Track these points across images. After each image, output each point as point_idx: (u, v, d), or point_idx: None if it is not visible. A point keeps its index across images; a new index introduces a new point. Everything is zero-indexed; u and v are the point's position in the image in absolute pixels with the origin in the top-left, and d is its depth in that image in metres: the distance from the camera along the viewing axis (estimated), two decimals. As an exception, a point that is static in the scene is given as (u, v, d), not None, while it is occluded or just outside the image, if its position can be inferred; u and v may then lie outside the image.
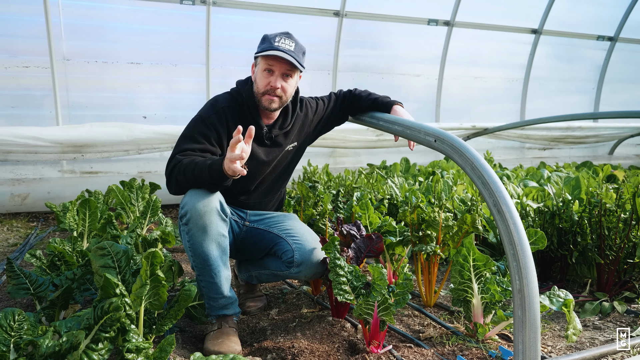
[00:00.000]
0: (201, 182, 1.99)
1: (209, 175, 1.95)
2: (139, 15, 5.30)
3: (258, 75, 2.20)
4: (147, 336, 1.87)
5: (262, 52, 2.14)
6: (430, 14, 6.54)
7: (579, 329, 1.87)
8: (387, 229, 2.65)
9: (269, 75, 2.17)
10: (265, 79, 2.17)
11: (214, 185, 2.00)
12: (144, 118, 5.49)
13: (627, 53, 8.11)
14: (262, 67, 2.17)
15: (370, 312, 1.94)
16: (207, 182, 1.98)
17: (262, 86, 2.17)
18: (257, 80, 2.20)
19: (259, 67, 2.20)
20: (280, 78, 2.17)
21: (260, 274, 2.42)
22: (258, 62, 2.20)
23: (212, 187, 2.02)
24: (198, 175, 1.97)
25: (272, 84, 2.16)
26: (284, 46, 2.14)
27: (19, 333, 1.59)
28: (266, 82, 2.16)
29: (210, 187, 2.02)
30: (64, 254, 2.48)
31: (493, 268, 2.13)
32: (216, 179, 1.95)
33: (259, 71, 2.19)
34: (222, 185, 2.00)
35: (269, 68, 2.16)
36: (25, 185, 4.82)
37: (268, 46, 2.14)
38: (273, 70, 2.16)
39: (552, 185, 3.99)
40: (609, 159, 8.26)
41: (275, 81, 2.16)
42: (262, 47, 2.17)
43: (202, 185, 2.01)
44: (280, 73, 2.17)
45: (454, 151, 1.83)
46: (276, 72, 2.16)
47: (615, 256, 2.54)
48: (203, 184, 2.00)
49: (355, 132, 5.72)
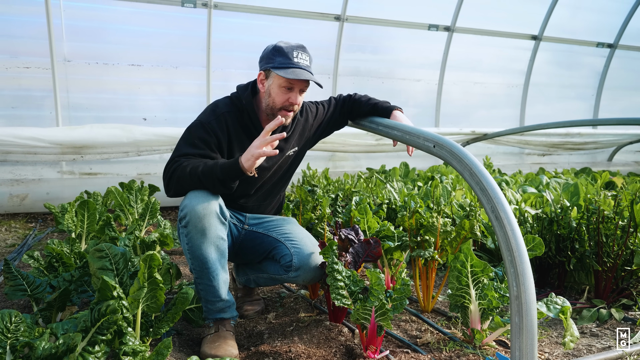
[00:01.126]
0: (208, 180, 1.98)
1: (220, 172, 1.95)
2: (140, 17, 5.31)
3: (274, 89, 2.15)
4: (144, 339, 1.87)
5: (281, 69, 2.09)
6: (430, 19, 6.57)
7: (576, 336, 1.87)
8: (386, 233, 2.65)
9: (288, 92, 2.14)
10: (284, 95, 2.14)
11: (221, 185, 2.00)
12: (144, 120, 5.50)
13: (626, 60, 8.14)
14: (280, 84, 2.12)
15: (368, 317, 1.94)
16: (215, 179, 1.97)
17: (280, 102, 2.15)
18: (274, 95, 2.15)
19: (275, 82, 2.14)
20: (297, 94, 2.17)
21: (258, 277, 2.42)
22: (272, 76, 2.15)
23: (217, 187, 2.01)
24: (206, 173, 1.96)
25: (292, 100, 2.14)
26: (303, 62, 2.12)
27: (16, 335, 1.58)
28: (285, 98, 2.14)
29: (215, 187, 2.01)
30: (62, 255, 2.47)
31: (491, 274, 2.13)
32: (227, 176, 1.96)
33: (276, 86, 2.14)
34: (229, 185, 2.00)
35: (290, 86, 2.13)
36: (24, 186, 4.82)
37: (287, 63, 2.09)
38: (293, 88, 2.14)
39: (550, 191, 4.00)
40: (607, 165, 8.27)
41: (296, 98, 2.15)
42: (279, 62, 2.10)
43: (207, 184, 1.99)
44: (299, 89, 2.16)
45: (452, 157, 1.83)
46: (295, 89, 2.15)
47: (613, 263, 2.54)
48: (209, 183, 1.99)
49: (355, 136, 5.73)
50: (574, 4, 7.28)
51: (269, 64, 2.13)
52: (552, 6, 7.07)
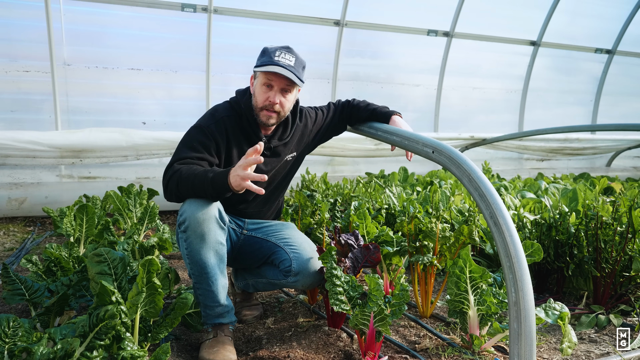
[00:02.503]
0: (201, 193, 1.99)
1: (211, 188, 1.94)
2: (140, 21, 5.32)
3: (257, 89, 2.19)
4: (142, 344, 1.87)
5: (262, 66, 2.13)
6: (430, 24, 6.59)
7: (574, 342, 1.87)
8: (385, 239, 2.65)
9: (268, 90, 2.16)
10: (264, 94, 2.16)
11: (214, 197, 2.01)
12: (144, 124, 5.50)
13: (624, 66, 8.16)
14: (261, 82, 2.16)
15: (367, 323, 1.94)
16: (207, 193, 1.98)
17: (261, 101, 2.17)
18: (256, 94, 2.19)
19: (258, 81, 2.19)
20: (279, 93, 2.16)
21: (257, 282, 2.42)
22: (257, 76, 2.19)
23: (212, 198, 2.02)
24: (198, 186, 1.96)
25: (271, 99, 2.15)
26: (284, 61, 2.12)
27: (14, 340, 1.58)
28: (265, 97, 2.16)
29: (209, 198, 2.02)
30: (60, 259, 2.47)
31: (489, 280, 2.13)
32: (218, 192, 1.95)
33: (258, 85, 2.18)
34: (223, 196, 2.01)
35: (268, 83, 2.15)
36: (22, 190, 4.82)
37: (268, 60, 2.13)
38: (272, 86, 2.15)
39: (549, 197, 4.00)
40: (606, 170, 8.29)
41: (274, 96, 2.15)
42: (261, 61, 2.16)
43: (202, 195, 2.00)
44: (279, 88, 2.16)
45: (451, 163, 1.84)
46: (275, 87, 2.16)
47: (611, 269, 2.54)
48: (203, 195, 2.00)
49: (354, 141, 5.74)
50: (572, 10, 7.31)
51: (255, 66, 2.19)
52: (551, 12, 7.10)
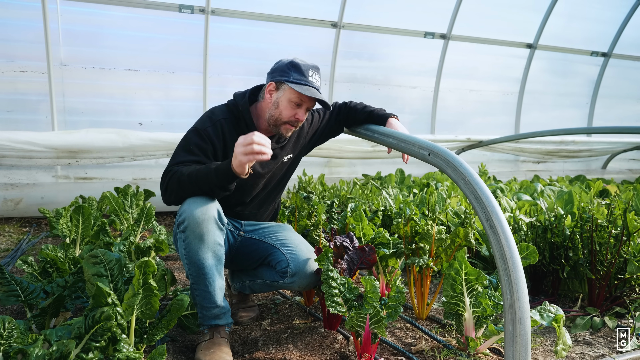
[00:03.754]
0: (204, 186, 1.99)
1: (215, 177, 1.95)
2: (137, 22, 5.32)
3: (283, 103, 2.18)
4: (138, 346, 1.87)
5: (297, 84, 2.13)
6: (427, 27, 6.61)
7: (569, 344, 1.88)
8: (381, 240, 2.66)
9: (297, 107, 2.19)
10: (292, 110, 2.18)
11: (220, 189, 2.01)
12: (140, 125, 5.49)
13: (620, 69, 8.21)
14: (291, 98, 2.16)
15: (362, 325, 1.94)
16: (211, 184, 1.98)
17: (287, 116, 2.19)
18: (282, 107, 2.19)
19: (285, 95, 2.17)
20: (305, 111, 2.23)
21: (254, 283, 2.42)
22: (284, 89, 2.17)
23: (216, 191, 2.02)
24: (202, 179, 1.97)
25: (299, 116, 2.20)
26: (316, 83, 2.19)
27: (9, 341, 1.58)
28: (292, 114, 2.19)
29: (214, 191, 2.02)
30: (56, 260, 2.47)
31: (485, 282, 2.14)
32: (222, 181, 1.96)
33: (286, 99, 2.17)
34: (227, 188, 2.01)
35: (299, 102, 2.17)
36: (18, 190, 4.80)
37: (303, 80, 2.15)
38: (302, 104, 2.19)
39: (545, 199, 4.02)
40: (602, 173, 8.32)
41: (303, 115, 2.21)
42: (295, 78, 2.15)
43: (205, 189, 2.00)
44: (307, 107, 2.22)
45: (447, 165, 1.84)
46: (304, 106, 2.20)
47: (606, 271, 2.55)
48: (206, 187, 1.99)
49: (351, 142, 5.74)
50: (568, 13, 7.35)
51: (283, 77, 2.17)
52: (547, 15, 7.14)
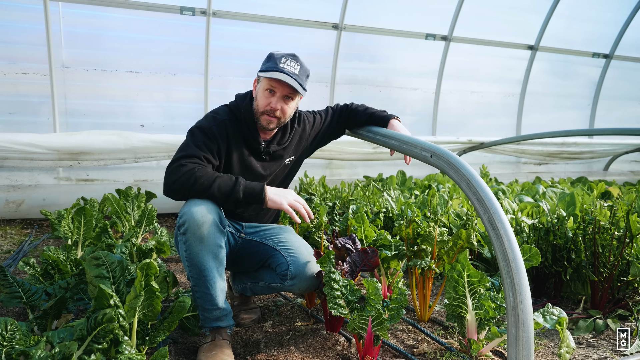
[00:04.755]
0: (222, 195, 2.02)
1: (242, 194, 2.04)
2: (139, 24, 5.33)
3: (259, 93, 2.20)
4: (140, 347, 1.86)
5: (266, 71, 2.14)
6: (428, 28, 6.61)
7: (572, 347, 1.87)
8: (383, 242, 2.65)
9: (270, 96, 2.17)
10: (266, 99, 2.17)
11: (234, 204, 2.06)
12: (142, 126, 5.50)
13: (621, 70, 8.20)
14: (264, 87, 2.18)
15: (365, 327, 1.94)
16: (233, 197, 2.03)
17: (262, 106, 2.18)
18: (258, 98, 2.21)
19: (260, 86, 2.20)
20: (281, 100, 2.18)
21: (255, 286, 2.42)
22: (261, 80, 2.20)
23: (229, 203, 2.06)
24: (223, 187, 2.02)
25: (272, 105, 2.17)
26: (288, 68, 2.14)
27: (11, 343, 1.58)
28: (266, 103, 2.17)
29: (227, 203, 2.06)
30: (58, 262, 2.47)
31: (487, 284, 2.14)
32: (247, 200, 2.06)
33: (261, 90, 2.20)
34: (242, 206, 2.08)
35: (271, 89, 2.16)
36: (20, 192, 4.81)
37: (273, 66, 2.14)
38: (275, 92, 2.17)
39: (547, 201, 4.01)
40: (604, 174, 8.31)
41: (276, 103, 2.17)
42: (266, 66, 2.17)
43: (220, 197, 2.03)
44: (282, 95, 2.17)
45: (449, 167, 1.84)
46: (277, 94, 2.17)
47: (609, 274, 2.55)
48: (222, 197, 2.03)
49: (352, 144, 5.75)
50: (570, 14, 7.35)
51: (259, 70, 2.20)
52: (549, 16, 7.14)
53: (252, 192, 2.06)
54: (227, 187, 2.03)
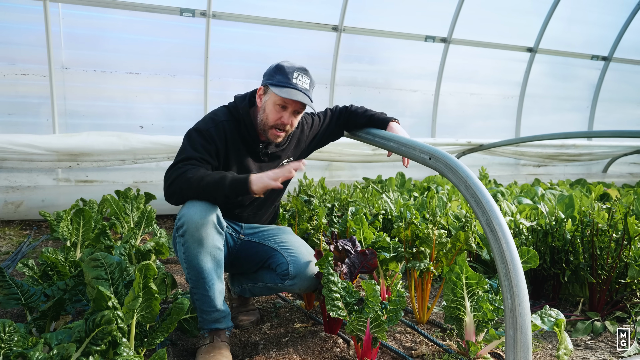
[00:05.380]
0: (211, 192, 2.01)
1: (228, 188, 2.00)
2: (138, 25, 5.33)
3: (269, 106, 2.17)
4: (138, 349, 1.86)
5: (278, 87, 2.12)
6: (427, 30, 6.63)
7: (570, 349, 1.88)
8: (381, 244, 2.66)
9: (282, 111, 2.16)
10: (277, 114, 2.16)
11: (225, 198, 2.04)
12: (141, 128, 5.50)
13: (620, 73, 8.22)
14: (275, 101, 2.15)
15: (363, 329, 1.94)
16: (220, 193, 2.01)
17: (272, 120, 2.17)
18: (268, 111, 2.18)
19: (270, 99, 2.17)
20: (291, 115, 2.18)
21: (254, 287, 2.42)
22: (269, 93, 2.17)
23: (220, 200, 2.05)
24: (211, 185, 2.00)
25: (284, 120, 2.17)
26: (301, 84, 2.13)
27: (9, 345, 1.58)
28: (277, 117, 2.16)
29: (217, 200, 2.05)
30: (57, 264, 2.47)
31: (485, 286, 2.14)
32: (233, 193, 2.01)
33: (271, 103, 2.17)
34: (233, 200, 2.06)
35: (284, 105, 2.15)
36: (19, 193, 4.80)
37: (285, 82, 2.12)
38: (287, 107, 2.15)
39: (545, 203, 4.02)
40: (602, 176, 8.32)
41: (288, 118, 2.17)
42: (277, 80, 2.13)
43: (210, 195, 2.02)
44: (293, 110, 2.18)
45: (448, 169, 1.85)
46: (289, 109, 2.16)
47: (607, 276, 2.55)
48: (212, 195, 2.02)
49: (352, 146, 5.75)
50: (569, 17, 7.37)
51: (268, 81, 2.17)
52: (548, 19, 7.15)
53: (237, 183, 2.01)
54: (214, 182, 2.00)
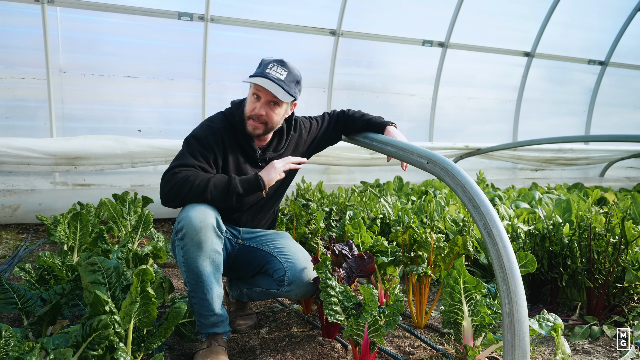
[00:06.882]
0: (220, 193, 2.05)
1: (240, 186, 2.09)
2: (136, 29, 5.34)
3: (248, 98, 2.25)
4: (136, 354, 1.85)
5: (252, 77, 2.18)
6: (425, 35, 6.65)
7: (568, 353, 1.88)
8: (379, 248, 2.66)
9: (256, 101, 2.19)
10: (252, 104, 2.20)
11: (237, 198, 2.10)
12: (139, 131, 5.50)
13: (617, 77, 8.26)
14: (251, 92, 2.22)
15: (361, 333, 1.94)
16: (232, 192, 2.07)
17: (248, 110, 2.22)
18: (247, 103, 2.25)
19: (249, 90, 2.24)
20: (265, 105, 2.18)
21: (251, 291, 2.42)
22: (250, 85, 2.24)
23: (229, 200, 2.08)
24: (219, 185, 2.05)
25: (257, 110, 2.18)
26: (273, 74, 2.15)
27: (5, 350, 1.57)
28: (252, 107, 2.20)
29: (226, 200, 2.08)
30: (54, 268, 2.46)
31: (483, 291, 2.14)
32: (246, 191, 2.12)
33: (249, 95, 2.24)
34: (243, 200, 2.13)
35: (257, 94, 2.19)
36: (16, 197, 4.79)
37: (259, 72, 2.18)
38: (260, 97, 2.18)
39: (543, 207, 4.03)
40: (600, 180, 8.34)
41: (260, 108, 2.18)
42: (255, 72, 2.21)
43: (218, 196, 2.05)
44: (266, 100, 2.18)
45: (445, 173, 1.85)
46: (262, 99, 2.18)
47: (604, 280, 2.55)
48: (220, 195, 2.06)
49: (349, 149, 5.75)
50: (566, 21, 7.40)
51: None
52: (545, 24, 7.19)
53: (248, 182, 2.12)
54: (223, 184, 2.07)
